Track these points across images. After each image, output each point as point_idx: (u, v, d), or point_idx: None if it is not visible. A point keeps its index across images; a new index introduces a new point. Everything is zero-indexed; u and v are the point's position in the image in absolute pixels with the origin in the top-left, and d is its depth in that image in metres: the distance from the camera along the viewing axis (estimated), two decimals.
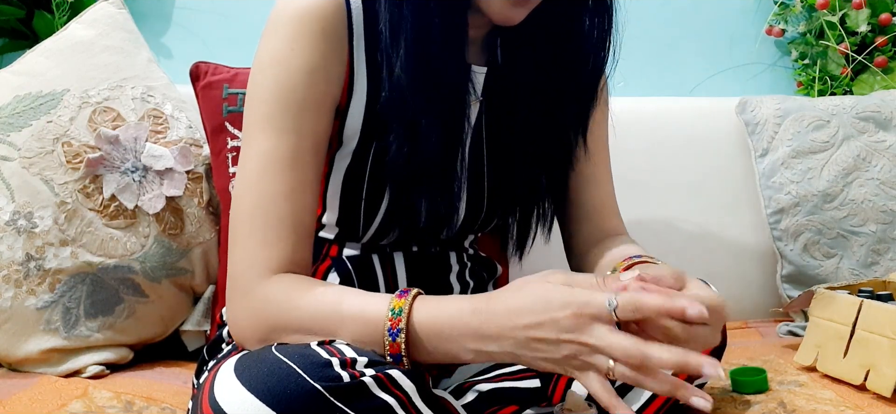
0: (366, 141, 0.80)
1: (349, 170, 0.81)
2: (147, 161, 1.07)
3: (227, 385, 0.61)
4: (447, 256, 0.89)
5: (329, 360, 0.62)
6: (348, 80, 0.78)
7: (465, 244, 0.92)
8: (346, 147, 0.81)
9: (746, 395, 0.92)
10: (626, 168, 1.35)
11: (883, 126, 1.36)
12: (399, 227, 0.81)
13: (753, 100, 1.41)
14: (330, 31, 0.75)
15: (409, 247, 0.87)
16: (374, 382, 0.62)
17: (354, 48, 0.78)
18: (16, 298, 0.99)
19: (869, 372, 0.89)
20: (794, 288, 1.32)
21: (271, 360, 0.62)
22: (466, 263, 0.91)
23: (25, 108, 1.05)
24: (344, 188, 0.82)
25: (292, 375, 0.60)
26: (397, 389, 0.64)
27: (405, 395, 0.64)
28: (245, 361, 0.63)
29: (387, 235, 0.84)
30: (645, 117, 1.42)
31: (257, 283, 0.70)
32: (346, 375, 0.61)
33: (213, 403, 0.60)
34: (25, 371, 1.01)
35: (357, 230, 0.83)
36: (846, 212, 1.32)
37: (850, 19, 1.60)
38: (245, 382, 0.60)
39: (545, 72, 0.84)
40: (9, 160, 1.02)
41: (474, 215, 0.88)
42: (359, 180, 0.80)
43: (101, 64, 1.11)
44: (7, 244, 0.99)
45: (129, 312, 1.06)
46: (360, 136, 0.80)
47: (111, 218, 1.05)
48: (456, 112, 0.79)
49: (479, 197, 0.87)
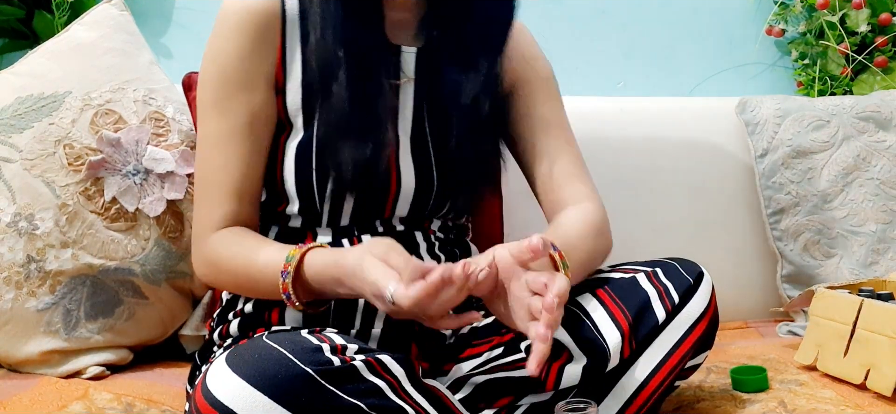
0: (308, 118, 0.88)
1: (299, 147, 0.87)
2: (148, 164, 1.07)
3: (219, 376, 0.62)
4: (412, 235, 0.91)
5: (319, 345, 0.64)
6: (281, 60, 0.88)
7: (430, 226, 0.94)
8: (295, 127, 0.88)
9: (746, 394, 0.92)
10: (627, 168, 1.35)
11: (883, 126, 1.36)
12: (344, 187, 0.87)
13: (753, 100, 1.41)
14: (261, 21, 0.86)
15: (374, 226, 0.89)
16: (365, 366, 0.65)
17: (287, 33, 0.88)
18: (16, 299, 1.00)
19: (869, 371, 0.89)
20: (794, 288, 1.33)
21: (262, 346, 0.64)
22: (434, 242, 0.92)
23: (27, 110, 1.05)
24: (297, 168, 0.86)
25: (283, 360, 0.62)
26: (387, 372, 0.66)
27: (395, 379, 0.66)
28: (237, 351, 0.64)
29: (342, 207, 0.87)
30: (645, 117, 1.42)
31: (206, 237, 0.86)
32: (337, 360, 0.63)
33: (207, 394, 0.61)
34: (26, 372, 1.01)
35: (316, 209, 0.87)
36: (846, 212, 1.32)
37: (850, 19, 1.60)
38: (237, 371, 0.62)
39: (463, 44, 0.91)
40: (10, 162, 1.02)
41: (425, 193, 0.90)
42: (307, 155, 0.87)
43: (103, 66, 1.11)
44: (8, 246, 1.00)
45: (129, 314, 1.06)
46: (303, 112, 0.88)
47: (112, 220, 1.05)
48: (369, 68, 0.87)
49: (428, 176, 0.90)
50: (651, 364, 0.80)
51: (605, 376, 0.80)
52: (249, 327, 0.85)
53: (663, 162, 1.39)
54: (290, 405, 0.61)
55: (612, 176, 1.34)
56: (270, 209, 0.90)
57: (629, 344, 0.79)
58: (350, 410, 0.63)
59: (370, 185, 0.86)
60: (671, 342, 0.80)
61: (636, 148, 1.38)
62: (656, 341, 0.80)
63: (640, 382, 0.79)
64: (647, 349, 0.80)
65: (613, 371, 0.80)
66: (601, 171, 1.03)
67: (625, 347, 0.79)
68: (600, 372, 0.79)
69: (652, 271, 0.83)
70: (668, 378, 0.81)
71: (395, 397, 0.66)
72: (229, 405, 0.60)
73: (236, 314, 0.88)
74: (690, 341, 0.81)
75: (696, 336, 0.81)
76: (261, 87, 0.87)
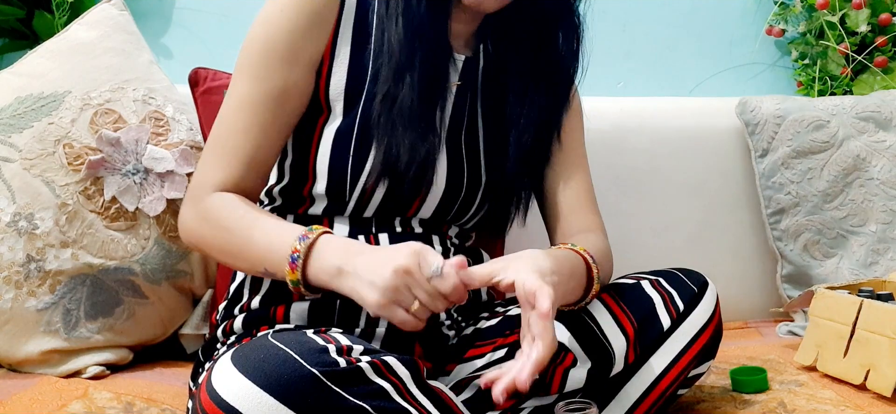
0: (350, 105, 0.87)
1: (338, 132, 0.86)
2: (148, 163, 1.07)
3: (225, 375, 0.62)
4: (430, 239, 0.90)
5: (325, 346, 0.64)
6: (331, 46, 0.87)
7: (448, 233, 0.94)
8: (334, 112, 0.87)
9: (746, 394, 0.92)
10: (627, 168, 1.35)
11: (883, 126, 1.36)
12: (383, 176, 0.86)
13: (753, 100, 1.41)
14: (321, 4, 0.86)
15: (393, 225, 0.89)
16: (371, 367, 0.64)
17: (343, 20, 0.88)
18: (16, 299, 0.99)
19: (869, 372, 0.89)
20: (794, 288, 1.33)
21: (268, 346, 0.63)
22: (450, 248, 0.92)
23: (27, 110, 1.05)
24: (333, 152, 0.86)
25: (289, 361, 0.62)
26: (393, 374, 0.66)
27: (400, 381, 0.66)
28: (242, 350, 0.64)
29: (371, 197, 0.87)
30: (645, 117, 1.42)
31: (205, 195, 0.83)
32: (343, 361, 0.63)
33: (213, 393, 0.61)
34: (26, 372, 1.01)
35: (344, 196, 0.86)
36: (846, 212, 1.32)
37: (850, 19, 1.60)
38: (243, 370, 0.61)
39: (520, 67, 0.93)
40: (10, 162, 1.02)
41: (452, 197, 0.90)
42: (346, 140, 0.86)
43: (103, 66, 1.11)
44: (8, 246, 1.00)
45: (129, 313, 1.06)
46: (345, 98, 0.87)
47: (112, 220, 1.05)
48: (438, 71, 0.88)
49: (458, 182, 0.90)
50: (656, 371, 0.80)
51: (609, 381, 0.80)
52: (254, 325, 0.85)
53: (663, 162, 1.39)
54: (296, 406, 0.61)
55: (612, 176, 1.34)
56: (293, 194, 0.90)
57: (634, 349, 0.79)
58: (355, 412, 0.63)
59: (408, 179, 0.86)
60: (676, 350, 0.80)
61: (636, 148, 1.38)
62: (661, 348, 0.80)
63: (645, 389, 0.79)
64: (652, 356, 0.80)
65: (618, 377, 0.80)
66: (601, 172, 1.04)
67: (629, 352, 0.79)
68: (605, 377, 0.79)
69: (656, 279, 0.84)
70: (672, 386, 0.81)
71: (400, 399, 0.66)
72: (235, 405, 0.60)
73: (242, 309, 0.87)
74: (695, 349, 0.81)
75: (700, 344, 0.81)
76: (303, 64, 0.86)
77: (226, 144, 0.85)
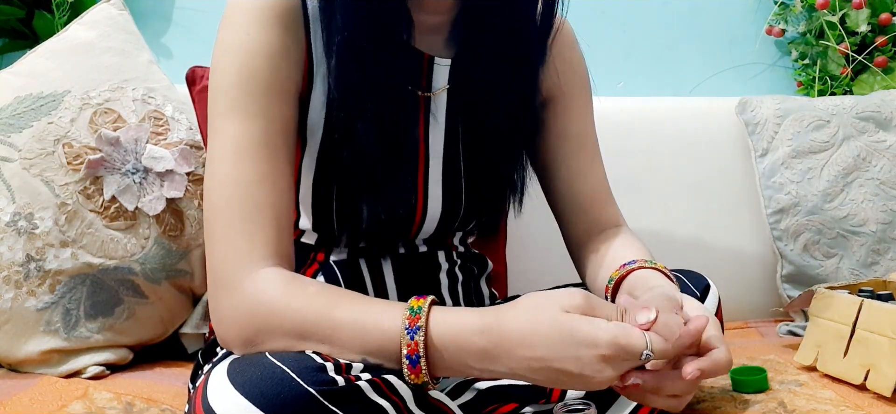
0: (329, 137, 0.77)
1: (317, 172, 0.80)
2: (148, 163, 1.07)
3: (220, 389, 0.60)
4: (435, 255, 0.89)
5: (323, 364, 0.62)
6: (307, 66, 0.77)
7: (453, 242, 0.92)
8: (312, 146, 0.79)
9: (746, 394, 0.92)
10: (627, 168, 1.35)
11: (883, 126, 1.36)
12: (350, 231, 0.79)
13: (753, 100, 1.41)
14: (285, 17, 0.74)
15: (396, 247, 0.86)
16: (370, 386, 0.62)
17: (312, 36, 0.77)
18: (16, 299, 0.99)
19: (869, 372, 0.89)
20: (794, 288, 1.32)
21: (265, 363, 0.61)
22: (456, 260, 0.91)
23: (26, 110, 1.05)
24: (315, 195, 0.80)
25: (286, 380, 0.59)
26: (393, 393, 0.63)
27: (401, 400, 0.63)
28: (238, 364, 0.62)
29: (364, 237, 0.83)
30: (645, 117, 1.42)
31: (245, 276, 0.66)
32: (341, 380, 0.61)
33: (207, 407, 0.60)
34: (25, 372, 1.01)
35: (333, 235, 0.82)
36: (846, 212, 1.32)
37: (850, 19, 1.60)
38: (238, 386, 0.60)
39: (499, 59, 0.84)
40: (9, 161, 1.02)
41: (452, 215, 0.87)
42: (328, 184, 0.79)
43: (102, 65, 1.11)
44: (7, 245, 0.99)
45: (129, 313, 1.06)
46: (324, 130, 0.78)
47: (111, 219, 1.05)
48: (394, 113, 0.77)
49: (456, 199, 0.87)
50: None
51: None
52: None
53: (663, 162, 1.39)
54: None
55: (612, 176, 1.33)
56: None
57: None
58: None
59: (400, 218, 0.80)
60: None
61: (636, 148, 1.38)
62: None
63: None
64: None
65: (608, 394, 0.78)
66: None
67: None
68: None
69: None
70: None
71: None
72: None
73: None
74: None
75: None
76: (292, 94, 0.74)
77: (245, 203, 0.68)
